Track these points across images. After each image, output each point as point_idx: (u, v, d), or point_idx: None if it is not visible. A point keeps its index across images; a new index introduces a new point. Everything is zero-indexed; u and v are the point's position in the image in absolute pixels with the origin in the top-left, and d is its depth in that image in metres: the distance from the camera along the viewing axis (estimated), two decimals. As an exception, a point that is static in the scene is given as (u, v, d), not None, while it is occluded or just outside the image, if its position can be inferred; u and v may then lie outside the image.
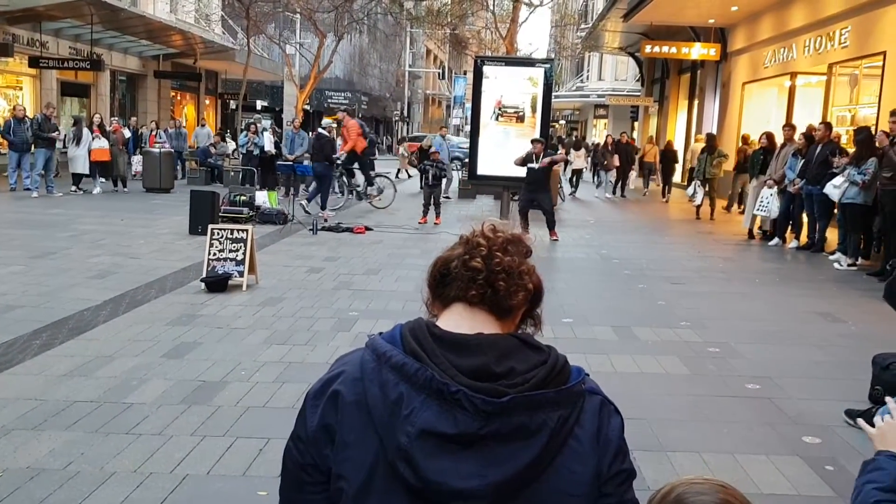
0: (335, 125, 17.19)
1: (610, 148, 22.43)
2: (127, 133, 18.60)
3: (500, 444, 1.18)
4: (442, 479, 1.17)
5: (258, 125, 19.60)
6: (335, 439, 1.25)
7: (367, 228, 12.78)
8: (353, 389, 1.25)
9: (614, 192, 21.83)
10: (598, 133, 49.13)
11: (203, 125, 24.40)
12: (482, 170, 15.23)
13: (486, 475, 1.17)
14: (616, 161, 21.75)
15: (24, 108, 17.46)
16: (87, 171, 16.96)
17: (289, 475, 1.34)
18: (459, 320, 1.30)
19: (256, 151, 18.56)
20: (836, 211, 10.83)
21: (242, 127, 20.65)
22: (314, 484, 1.29)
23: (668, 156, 21.87)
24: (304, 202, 14.90)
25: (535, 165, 12.13)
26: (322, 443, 1.27)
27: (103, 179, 17.61)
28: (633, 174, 22.78)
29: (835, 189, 10.19)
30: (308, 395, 1.32)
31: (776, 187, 12.18)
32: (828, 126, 11.79)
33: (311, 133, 18.06)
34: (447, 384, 1.18)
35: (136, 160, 19.23)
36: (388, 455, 1.20)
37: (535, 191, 12.27)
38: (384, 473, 1.21)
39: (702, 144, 20.77)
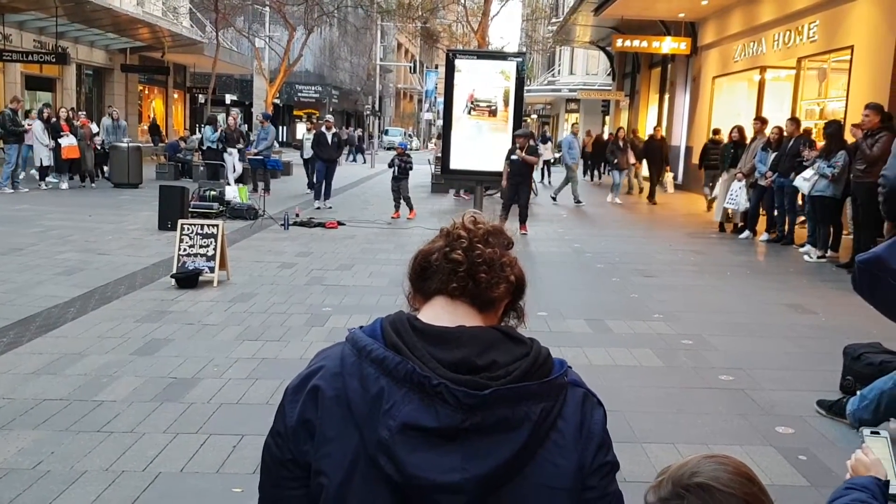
0: (332, 119, 17.12)
1: (622, 144, 18.81)
2: (95, 128, 18.29)
3: (482, 438, 1.17)
4: (423, 474, 1.15)
5: (218, 118, 19.41)
6: (315, 435, 1.23)
7: (340, 223, 12.72)
8: (333, 384, 1.24)
9: (651, 197, 18.33)
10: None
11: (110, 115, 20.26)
12: (455, 164, 15.21)
13: (467, 469, 1.16)
14: (631, 158, 19.03)
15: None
16: (49, 163, 16.66)
17: (268, 471, 1.31)
18: (441, 313, 1.29)
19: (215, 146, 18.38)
20: (801, 202, 10.99)
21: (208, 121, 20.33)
22: (294, 479, 1.27)
23: (661, 147, 18.92)
24: (324, 203, 15.29)
25: (516, 157, 12.21)
26: (301, 438, 1.25)
27: (72, 178, 17.33)
28: (669, 176, 19.45)
29: (804, 182, 10.32)
30: (287, 390, 1.30)
31: (745, 180, 12.31)
32: (795, 121, 11.94)
33: (284, 127, 18.02)
34: (428, 377, 1.16)
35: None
36: (369, 450, 1.18)
37: (518, 184, 12.39)
38: (365, 468, 1.19)
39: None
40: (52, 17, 20.33)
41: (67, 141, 16.70)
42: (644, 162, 20.06)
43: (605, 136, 26.51)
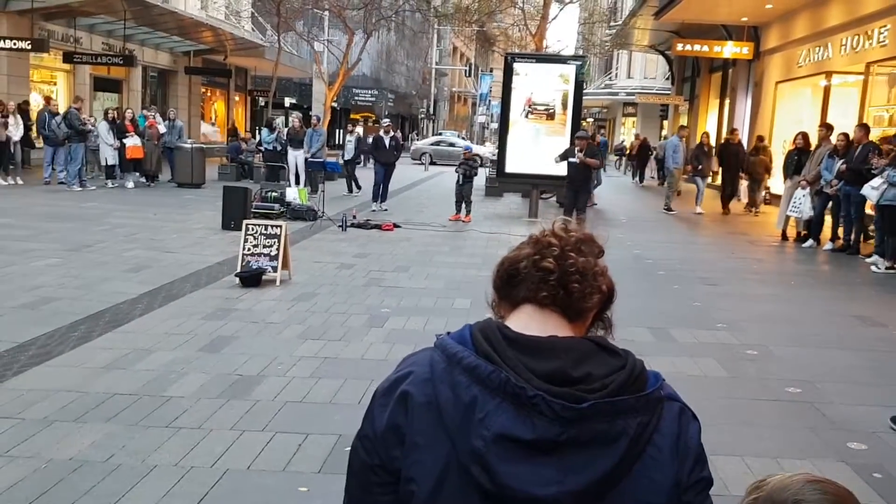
0: (389, 123, 17.36)
1: (706, 149, 17.49)
2: (162, 128, 18.73)
3: (578, 451, 1.15)
4: (519, 486, 1.14)
5: (275, 121, 19.87)
6: (405, 441, 1.22)
7: (396, 225, 12.78)
8: (423, 390, 1.22)
9: (725, 207, 17.19)
10: (627, 131, 48.80)
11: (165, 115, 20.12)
12: (511, 168, 15.18)
13: (564, 482, 1.14)
14: (714, 165, 17.87)
15: (58, 104, 17.70)
16: (114, 162, 17.11)
17: (356, 476, 1.30)
18: (530, 322, 1.26)
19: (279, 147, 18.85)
20: (868, 211, 10.67)
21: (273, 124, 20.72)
22: (383, 485, 1.26)
23: (738, 153, 17.31)
24: (380, 205, 15.33)
25: (575, 160, 12.17)
26: (391, 443, 1.24)
27: (142, 179, 17.78)
28: (744, 185, 17.89)
29: (873, 190, 10.02)
30: (376, 393, 1.29)
31: (809, 188, 12.01)
32: (863, 128, 11.60)
33: (342, 130, 18.31)
34: (524, 388, 1.15)
35: None
36: (461, 459, 1.17)
37: (578, 187, 12.39)
38: (456, 477, 1.18)
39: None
40: (120, 21, 20.91)
41: (132, 141, 17.15)
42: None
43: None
